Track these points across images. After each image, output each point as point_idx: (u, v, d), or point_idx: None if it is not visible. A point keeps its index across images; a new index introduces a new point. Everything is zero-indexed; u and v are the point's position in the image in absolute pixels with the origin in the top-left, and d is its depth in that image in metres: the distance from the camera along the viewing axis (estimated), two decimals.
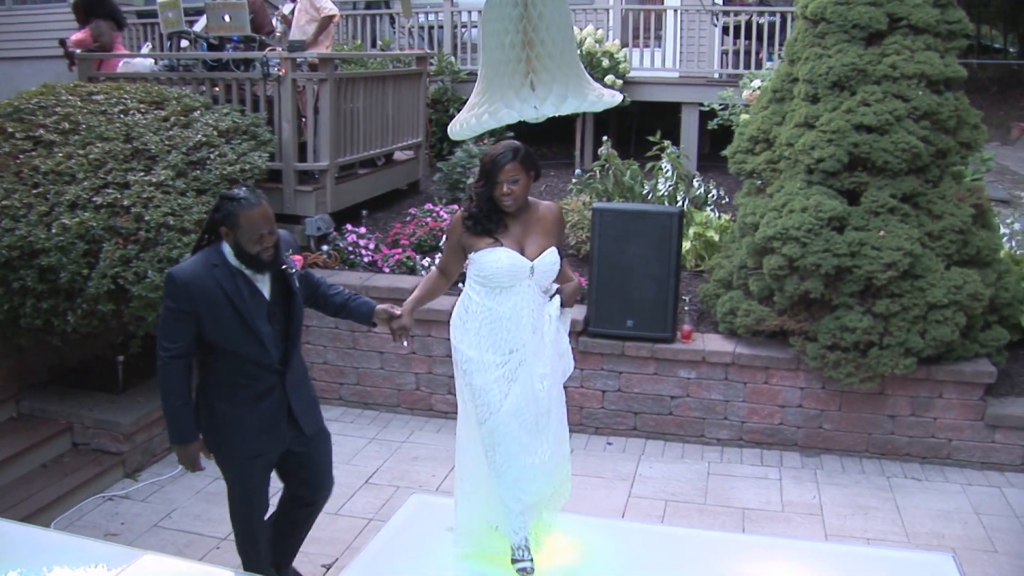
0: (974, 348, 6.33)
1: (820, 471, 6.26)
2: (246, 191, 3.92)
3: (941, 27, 6.43)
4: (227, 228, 3.88)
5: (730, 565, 4.58)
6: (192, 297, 3.89)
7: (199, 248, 4.06)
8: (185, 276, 3.93)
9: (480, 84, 3.03)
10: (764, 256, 6.33)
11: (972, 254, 6.33)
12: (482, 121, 3.00)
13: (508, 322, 4.01)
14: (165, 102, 6.91)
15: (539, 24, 2.83)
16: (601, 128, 10.46)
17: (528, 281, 4.01)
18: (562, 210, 4.40)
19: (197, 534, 5.40)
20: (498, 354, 4.04)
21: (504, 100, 2.91)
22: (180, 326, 3.92)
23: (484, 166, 4.02)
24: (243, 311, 3.95)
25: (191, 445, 4.07)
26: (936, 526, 5.54)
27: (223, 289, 3.92)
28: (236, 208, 3.84)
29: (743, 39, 10.89)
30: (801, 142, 6.39)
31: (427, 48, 11.20)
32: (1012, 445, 6.24)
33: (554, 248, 4.10)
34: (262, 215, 3.88)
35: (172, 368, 3.94)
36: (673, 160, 8.58)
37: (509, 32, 2.84)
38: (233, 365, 4.04)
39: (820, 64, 6.47)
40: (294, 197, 7.59)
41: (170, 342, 3.92)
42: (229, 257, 3.95)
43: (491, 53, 2.92)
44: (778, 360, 6.49)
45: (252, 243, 3.87)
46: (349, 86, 7.96)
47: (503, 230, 4.03)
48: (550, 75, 2.89)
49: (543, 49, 2.85)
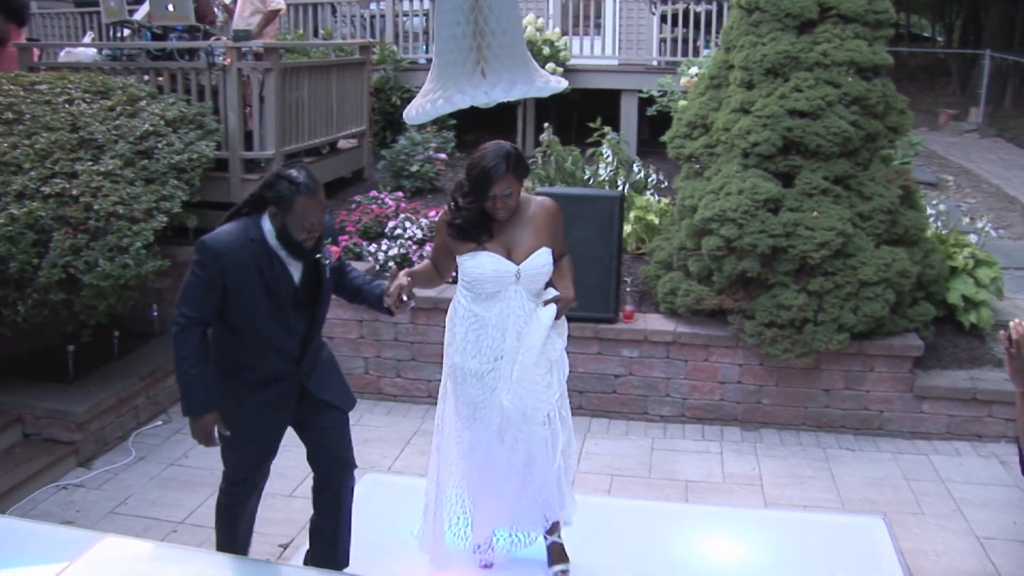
0: (903, 323, 6.60)
1: (759, 444, 6.49)
2: (305, 175, 3.74)
3: (869, 16, 6.68)
4: (277, 208, 3.72)
5: (675, 533, 4.80)
6: (223, 268, 3.73)
7: (235, 216, 3.88)
8: (220, 246, 3.75)
9: (434, 71, 3.18)
10: (703, 237, 6.53)
11: (900, 233, 6.59)
12: (437, 106, 3.15)
13: (494, 329, 3.94)
14: (110, 92, 6.94)
15: (489, 15, 2.99)
16: (542, 115, 10.63)
17: (515, 286, 3.91)
18: (558, 206, 4.22)
19: (154, 519, 5.43)
20: (483, 362, 3.98)
21: (457, 86, 3.06)
22: (205, 295, 3.76)
23: (474, 179, 3.83)
24: (274, 290, 3.82)
25: (205, 416, 3.87)
26: (868, 492, 5.78)
27: (257, 265, 3.76)
28: (293, 192, 3.68)
29: (681, 27, 11.14)
30: (737, 127, 6.60)
31: (369, 37, 11.28)
32: (938, 415, 6.52)
33: (544, 249, 3.96)
34: (318, 204, 3.74)
35: (190, 334, 3.77)
36: (613, 146, 8.77)
37: (461, 23, 2.99)
38: (248, 346, 3.91)
39: (755, 52, 6.68)
40: (241, 186, 7.62)
41: (191, 310, 3.76)
42: (268, 235, 3.78)
43: (444, 42, 3.08)
44: (717, 338, 6.70)
45: (300, 230, 3.73)
46: (294, 75, 8.03)
47: (488, 235, 3.91)
48: (500, 63, 3.05)
49: (493, 39, 3.01)
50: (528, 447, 4.04)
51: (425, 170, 9.08)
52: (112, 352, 6.72)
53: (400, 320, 7.06)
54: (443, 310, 6.84)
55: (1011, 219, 9.93)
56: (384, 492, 5.37)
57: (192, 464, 6.07)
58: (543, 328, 3.93)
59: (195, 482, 5.81)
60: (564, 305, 4.05)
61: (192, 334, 3.76)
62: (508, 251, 3.92)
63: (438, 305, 6.96)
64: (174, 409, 6.84)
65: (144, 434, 6.49)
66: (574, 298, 4.13)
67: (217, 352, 3.94)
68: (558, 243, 4.11)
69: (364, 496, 5.15)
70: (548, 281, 4.13)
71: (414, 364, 7.13)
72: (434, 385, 6.98)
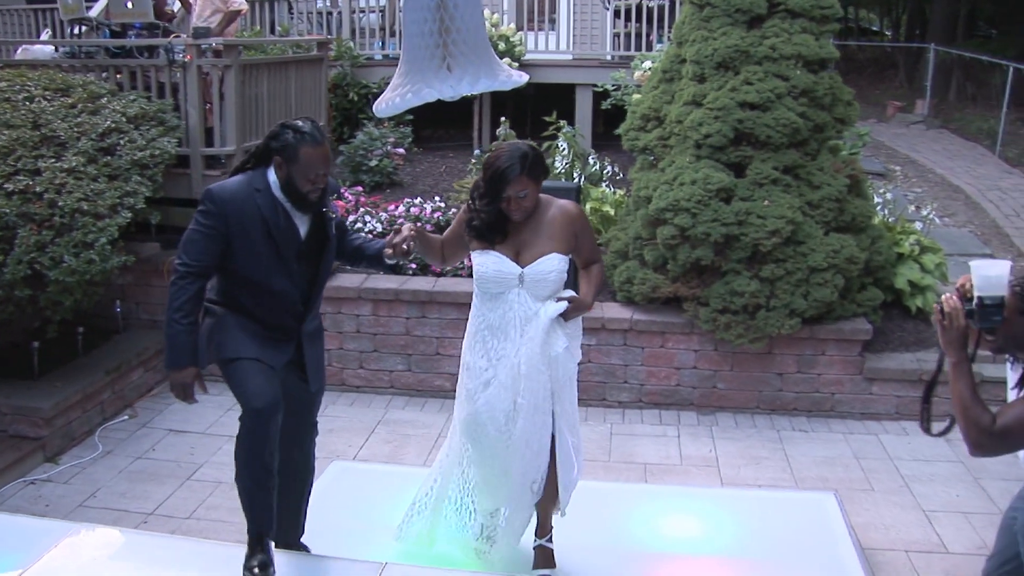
0: (852, 308, 6.81)
1: (715, 427, 6.67)
2: (311, 126, 3.70)
3: (815, 11, 6.89)
4: (282, 159, 3.68)
5: (634, 512, 4.96)
6: (227, 217, 3.67)
7: (241, 171, 3.85)
8: (225, 194, 3.71)
9: (402, 66, 3.31)
10: (657, 227, 6.70)
11: (848, 221, 6.81)
12: (406, 99, 3.28)
13: (497, 330, 3.90)
14: (70, 89, 6.97)
15: (454, 13, 3.14)
16: (498, 110, 10.73)
17: (518, 289, 3.86)
18: (582, 210, 4.12)
19: (123, 511, 5.49)
20: (487, 360, 3.94)
21: (425, 80, 3.20)
22: (207, 244, 3.68)
23: (488, 179, 3.78)
24: (279, 241, 3.75)
25: (187, 370, 3.74)
26: (821, 471, 5.99)
27: (262, 215, 3.72)
28: (298, 141, 3.65)
29: (634, 22, 11.28)
30: (690, 119, 6.77)
31: (325, 34, 11.33)
32: (887, 396, 6.75)
33: (554, 255, 3.87)
34: (323, 155, 3.70)
35: (187, 284, 3.67)
36: (569, 139, 8.92)
37: (428, 20, 3.14)
38: (254, 295, 3.82)
39: (706, 46, 6.87)
40: (202, 181, 7.66)
41: (192, 258, 3.67)
42: (274, 186, 3.75)
43: (412, 39, 3.22)
44: (673, 325, 6.87)
45: (305, 180, 3.69)
46: (253, 72, 8.09)
47: (502, 236, 3.87)
48: (465, 58, 3.20)
49: (458, 36, 3.16)
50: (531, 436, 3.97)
51: (384, 165, 9.18)
52: (77, 348, 6.76)
53: (362, 312, 7.17)
54: (404, 302, 7.06)
55: (955, 208, 10.21)
56: (351, 479, 5.48)
57: (160, 457, 6.15)
58: (544, 320, 3.84)
59: (163, 474, 5.89)
60: (575, 307, 3.93)
61: (189, 284, 3.67)
62: (517, 253, 3.87)
63: (399, 297, 7.09)
64: (140, 404, 6.93)
65: (110, 429, 6.55)
66: (589, 305, 4.03)
67: (223, 297, 3.87)
68: (583, 249, 4.05)
69: (331, 483, 5.27)
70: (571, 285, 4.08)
71: (376, 355, 7.24)
72: (396, 375, 7.19)
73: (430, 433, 6.54)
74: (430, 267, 7.32)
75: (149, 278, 7.42)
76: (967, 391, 3.17)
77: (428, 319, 7.12)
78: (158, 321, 7.40)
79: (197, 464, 6.02)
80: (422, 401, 7.13)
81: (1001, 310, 3.12)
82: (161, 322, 7.19)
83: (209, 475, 5.87)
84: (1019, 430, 3.12)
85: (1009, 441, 3.16)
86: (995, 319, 3.13)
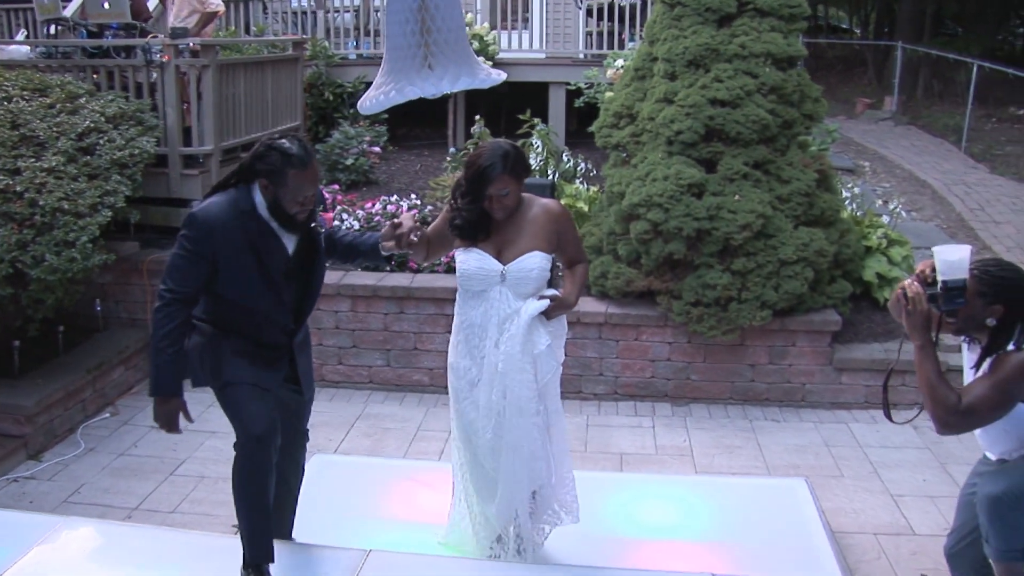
0: (821, 300, 6.96)
1: (689, 418, 6.81)
2: (298, 146, 3.58)
3: (784, 10, 7.05)
4: (269, 182, 3.58)
5: (611, 499, 5.08)
6: (214, 241, 3.55)
7: (222, 188, 3.72)
8: (210, 218, 3.57)
9: (386, 65, 3.42)
10: (631, 222, 6.83)
11: (817, 215, 6.96)
12: (390, 97, 3.39)
13: (479, 328, 3.90)
14: (48, 89, 7.02)
15: (435, 14, 3.26)
16: (472, 108, 10.83)
17: (500, 287, 3.85)
18: (566, 210, 4.12)
19: (108, 506, 5.53)
20: (471, 360, 3.95)
21: (408, 79, 3.31)
22: (193, 269, 3.58)
23: (470, 178, 3.78)
24: (268, 264, 3.66)
25: (172, 400, 3.65)
26: (792, 459, 6.14)
27: (249, 238, 3.61)
28: (286, 165, 3.54)
29: (606, 21, 11.42)
30: (662, 116, 6.91)
31: (300, 33, 11.40)
32: (856, 386, 6.91)
33: (536, 253, 3.86)
34: (312, 177, 3.60)
35: (173, 311, 3.56)
36: (543, 136, 9.05)
37: (410, 21, 3.26)
38: (243, 316, 3.73)
39: (677, 44, 7.00)
40: (180, 181, 7.76)
41: (177, 285, 3.58)
42: (260, 207, 3.64)
43: (395, 39, 3.33)
44: (647, 318, 7.00)
45: (293, 203, 3.59)
46: (230, 72, 8.16)
47: (485, 235, 3.87)
48: (446, 57, 3.32)
49: (439, 36, 3.28)
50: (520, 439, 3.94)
51: (360, 163, 9.27)
52: (57, 347, 6.80)
53: (340, 309, 7.26)
54: (383, 298, 7.15)
55: (922, 202, 10.39)
56: (333, 472, 5.57)
57: (142, 453, 6.20)
58: (525, 318, 3.81)
59: (146, 470, 5.95)
60: (558, 305, 3.92)
61: (175, 312, 3.57)
62: (499, 251, 3.86)
63: (377, 293, 7.18)
64: (121, 402, 6.98)
65: (92, 426, 6.60)
66: (573, 304, 4.01)
67: (211, 317, 3.78)
68: (568, 248, 4.06)
69: (314, 476, 5.32)
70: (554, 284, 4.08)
71: (355, 351, 7.32)
72: (374, 371, 7.27)
73: (409, 427, 6.64)
74: (408, 263, 7.42)
75: (129, 277, 7.47)
76: (933, 373, 3.33)
77: (406, 315, 7.22)
78: (138, 319, 7.49)
79: (179, 460, 6.09)
80: (401, 396, 7.23)
81: (964, 292, 3.28)
82: (141, 320, 7.36)
83: (192, 470, 5.94)
84: (983, 407, 3.29)
85: (974, 418, 3.32)
86: (958, 301, 3.30)
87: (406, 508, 5.04)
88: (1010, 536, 3.38)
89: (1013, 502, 3.38)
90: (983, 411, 3.31)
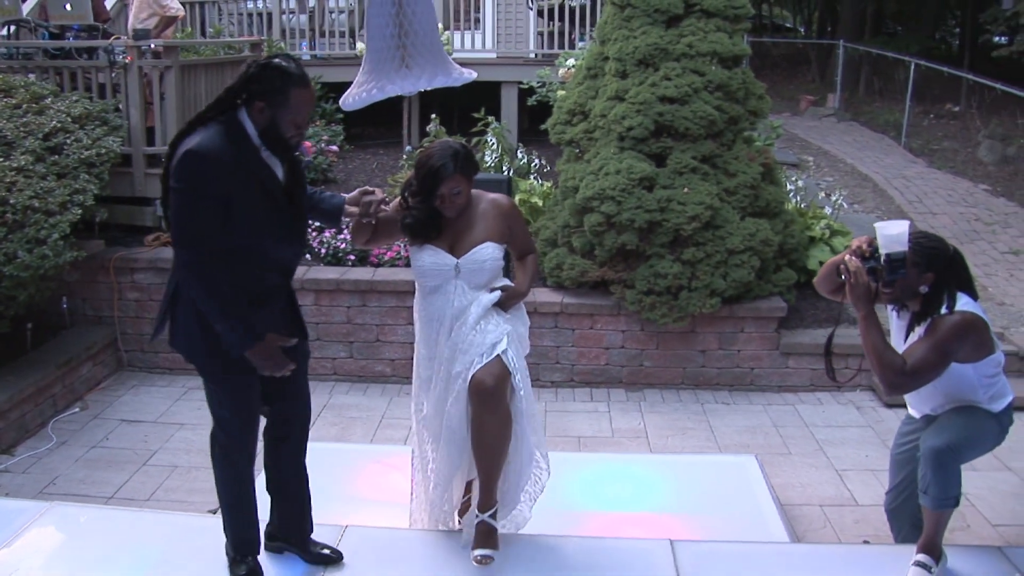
0: (768, 288, 7.28)
1: (643, 403, 7.08)
2: (295, 64, 3.33)
3: (729, 11, 7.36)
4: (267, 103, 3.27)
5: (569, 477, 5.31)
6: (223, 179, 3.22)
7: (200, 124, 3.33)
8: (213, 152, 3.21)
9: (366, 65, 3.64)
10: (585, 215, 7.09)
11: (763, 206, 7.28)
12: (372, 95, 3.61)
13: (435, 322, 3.93)
14: (12, 90, 7.14)
15: (412, 19, 3.51)
16: (426, 108, 11.01)
17: (455, 280, 3.88)
18: (514, 203, 4.16)
19: (84, 496, 5.65)
20: (428, 351, 3.98)
21: (388, 78, 3.55)
22: (207, 213, 3.24)
23: (422, 178, 3.78)
24: (272, 191, 3.39)
25: (264, 343, 3.39)
26: (743, 439, 6.44)
27: (250, 167, 3.32)
28: (287, 83, 3.26)
29: (557, 21, 11.67)
30: (613, 113, 7.18)
31: (254, 34, 11.51)
32: (802, 369, 7.24)
33: (488, 244, 3.89)
34: (312, 96, 3.38)
35: (206, 268, 3.28)
36: (498, 134, 9.28)
37: (389, 25, 3.50)
38: (239, 262, 3.36)
39: (627, 44, 7.29)
40: (144, 180, 7.89)
41: (197, 238, 3.26)
42: (252, 135, 3.32)
43: (375, 41, 3.56)
44: (601, 307, 7.27)
45: (291, 125, 3.32)
46: (191, 73, 8.29)
47: (437, 232, 3.88)
48: (422, 57, 3.57)
49: (415, 38, 3.53)
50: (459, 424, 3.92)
51: (319, 162, 9.43)
52: (26, 343, 6.92)
53: (304, 302, 7.42)
54: (346, 291, 7.36)
55: (864, 195, 10.79)
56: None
57: (114, 445, 6.35)
58: (477, 310, 3.84)
59: (120, 460, 6.10)
60: (511, 295, 3.98)
61: (210, 264, 3.28)
62: (451, 246, 3.89)
63: (340, 287, 7.37)
64: (90, 396, 7.11)
65: (62, 421, 6.72)
66: (525, 292, 4.08)
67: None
68: (517, 240, 4.09)
69: None
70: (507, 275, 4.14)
71: (319, 344, 7.49)
72: (338, 362, 7.47)
73: (374, 416, 6.85)
74: (368, 258, 7.62)
75: (95, 275, 7.58)
76: (879, 339, 3.65)
77: (368, 307, 7.42)
78: (104, 317, 7.62)
79: (152, 451, 6.24)
80: (364, 386, 7.43)
81: (904, 264, 3.61)
82: (107, 317, 7.48)
83: (164, 460, 6.10)
84: (925, 367, 3.63)
85: (918, 378, 3.66)
86: (900, 272, 3.63)
87: (376, 489, 5.25)
88: (948, 484, 3.69)
89: (954, 453, 3.71)
90: (926, 370, 3.63)
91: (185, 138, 3.29)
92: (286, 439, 3.91)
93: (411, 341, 4.26)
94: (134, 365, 7.70)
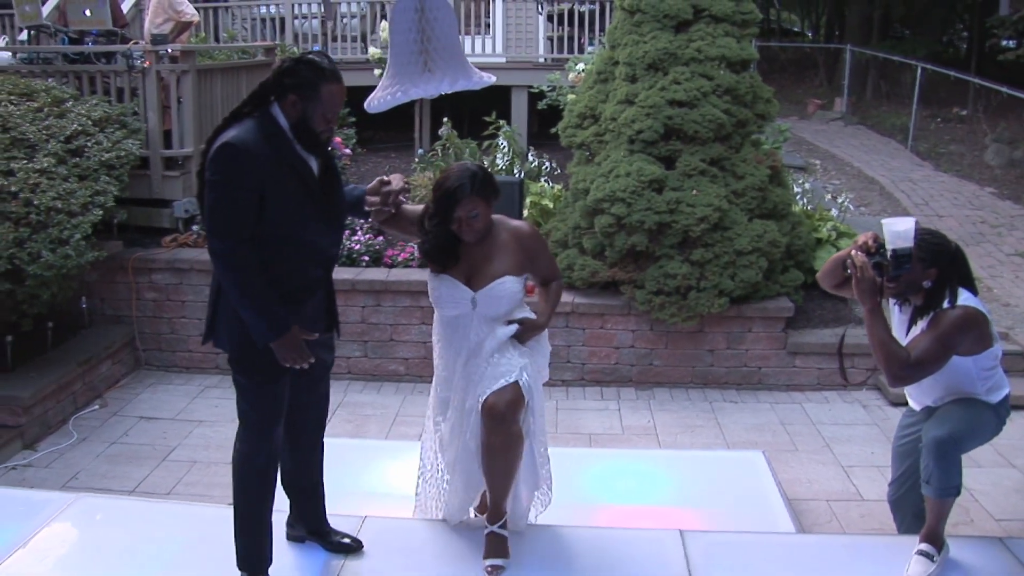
0: (775, 288, 7.39)
1: (653, 401, 7.20)
2: (328, 60, 3.39)
3: (737, 16, 7.48)
4: (299, 96, 3.34)
5: (581, 471, 5.44)
6: (258, 171, 3.27)
7: (236, 118, 3.41)
8: (250, 144, 3.27)
9: (390, 69, 3.77)
10: (595, 217, 7.21)
11: (770, 208, 7.39)
12: (396, 97, 3.74)
13: (452, 350, 3.89)
14: (34, 94, 7.27)
15: (434, 24, 3.64)
16: (437, 112, 11.15)
17: (471, 313, 3.80)
18: (535, 230, 4.02)
19: (106, 490, 5.75)
20: (448, 371, 3.95)
21: (411, 81, 3.68)
22: (242, 207, 3.29)
23: (438, 200, 3.70)
24: (311, 184, 3.43)
25: (289, 335, 3.41)
26: (750, 436, 6.55)
27: (287, 161, 3.37)
28: (319, 78, 3.33)
29: (566, 26, 11.80)
30: (623, 116, 7.30)
31: (267, 39, 11.67)
32: (809, 368, 7.35)
33: (508, 278, 3.79)
34: (343, 91, 3.42)
35: (239, 260, 3.31)
36: (509, 137, 9.41)
37: (412, 30, 3.64)
38: (280, 256, 3.43)
39: (637, 49, 7.41)
40: (162, 182, 8.03)
41: (232, 231, 3.30)
42: (285, 129, 3.39)
43: (398, 46, 3.70)
44: (612, 307, 7.39)
45: (322, 120, 3.38)
46: (207, 77, 8.43)
47: (455, 260, 3.79)
48: (444, 62, 3.70)
49: (437, 43, 3.66)
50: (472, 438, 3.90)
51: None
52: (47, 342, 7.06)
53: None
54: (361, 291, 7.50)
55: (871, 197, 10.90)
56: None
57: (134, 441, 6.48)
58: (494, 340, 3.78)
59: (141, 456, 6.23)
60: (528, 328, 3.87)
61: (242, 259, 3.31)
62: (468, 278, 3.80)
63: (356, 287, 7.50)
64: (109, 394, 7.25)
65: (83, 417, 6.86)
66: (543, 326, 3.95)
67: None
68: (540, 268, 4.00)
69: None
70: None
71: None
72: (353, 361, 7.61)
73: (388, 413, 6.97)
74: (382, 259, 7.75)
75: (113, 275, 7.72)
76: (884, 332, 3.77)
77: (383, 307, 7.55)
78: (122, 316, 7.75)
79: (171, 447, 6.37)
80: (378, 384, 7.56)
81: (910, 259, 3.73)
82: (125, 316, 7.62)
83: (184, 456, 6.23)
84: (929, 359, 3.75)
85: (922, 370, 3.78)
86: (905, 267, 3.75)
87: (392, 483, 5.37)
88: (950, 474, 3.80)
89: (956, 442, 3.81)
90: (929, 363, 3.75)
91: (221, 133, 3.36)
92: (304, 432, 3.97)
93: (424, 340, 4.35)
94: (152, 364, 7.83)
